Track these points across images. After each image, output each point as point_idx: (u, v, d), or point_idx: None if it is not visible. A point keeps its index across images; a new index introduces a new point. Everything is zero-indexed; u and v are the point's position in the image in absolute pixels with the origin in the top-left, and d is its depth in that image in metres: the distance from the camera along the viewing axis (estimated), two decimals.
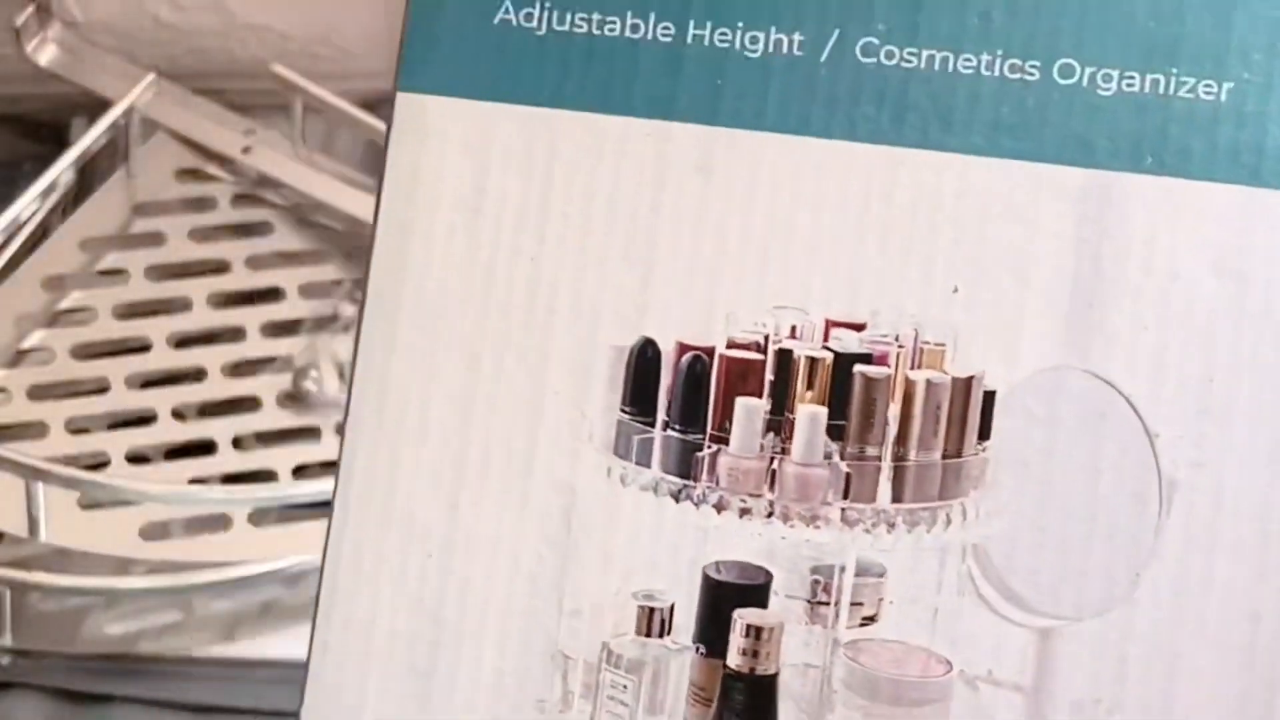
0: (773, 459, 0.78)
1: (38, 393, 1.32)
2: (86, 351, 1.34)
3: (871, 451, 0.79)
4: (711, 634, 0.79)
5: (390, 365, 0.82)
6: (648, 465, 0.79)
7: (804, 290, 0.80)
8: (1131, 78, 0.79)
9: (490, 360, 0.81)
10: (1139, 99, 0.77)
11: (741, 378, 0.80)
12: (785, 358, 0.79)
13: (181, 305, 1.35)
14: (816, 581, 0.79)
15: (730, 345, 0.77)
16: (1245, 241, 0.77)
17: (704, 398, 0.79)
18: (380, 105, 0.89)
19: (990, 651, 0.79)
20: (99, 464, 1.28)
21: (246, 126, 1.44)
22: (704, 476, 0.79)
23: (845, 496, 0.78)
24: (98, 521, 1.26)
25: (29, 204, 1.38)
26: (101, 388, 1.33)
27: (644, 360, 0.78)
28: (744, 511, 0.79)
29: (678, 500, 0.79)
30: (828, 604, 0.79)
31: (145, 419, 1.26)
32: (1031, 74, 0.79)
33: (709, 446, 0.79)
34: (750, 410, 0.79)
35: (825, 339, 0.79)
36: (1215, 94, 0.77)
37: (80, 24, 1.42)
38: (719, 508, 0.79)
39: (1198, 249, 0.78)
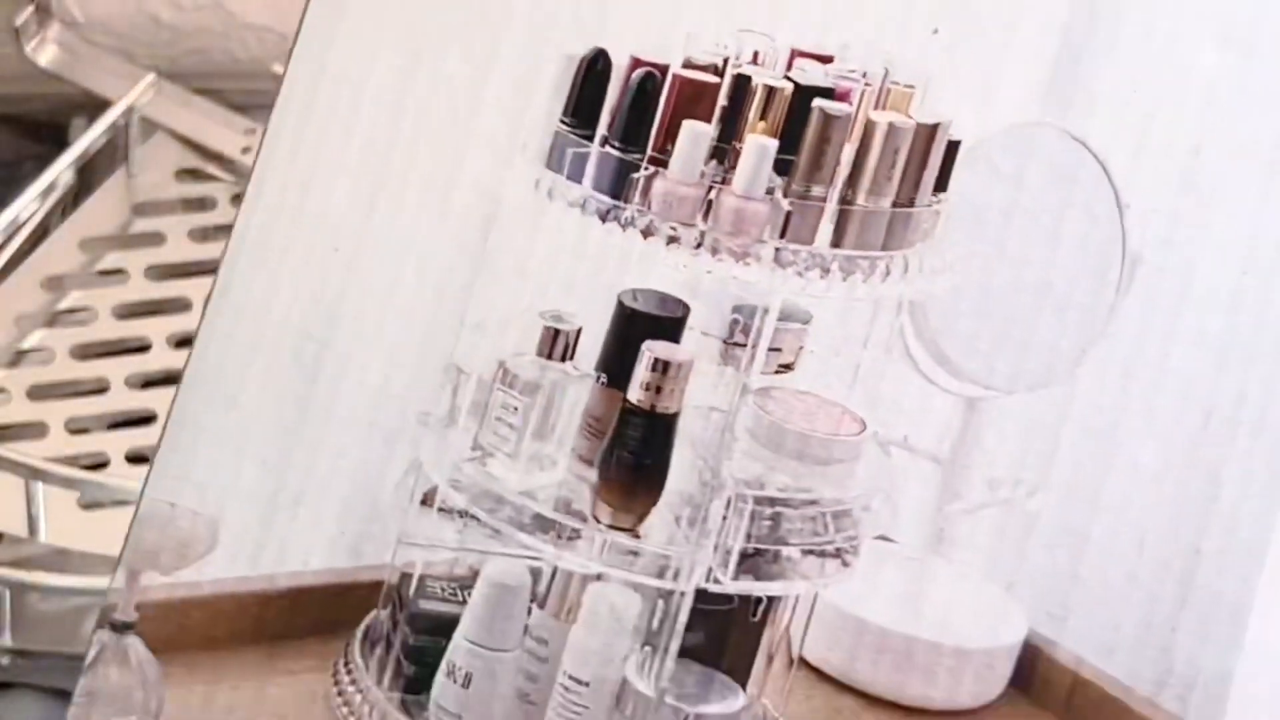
0: (712, 187, 0.68)
1: (38, 393, 1.19)
2: (86, 351, 1.21)
3: (818, 191, 0.69)
4: (616, 364, 0.70)
5: (328, 54, 0.71)
6: (579, 181, 0.69)
7: (773, 14, 0.70)
8: None
9: (432, 55, 0.71)
10: None
11: (693, 100, 0.69)
12: (742, 83, 0.68)
13: (181, 305, 1.22)
14: (736, 321, 0.70)
15: (686, 65, 0.67)
16: (1257, 13, 0.69)
17: (650, 117, 0.69)
18: None
19: (910, 416, 0.72)
20: (99, 464, 1.14)
21: (246, 126, 1.29)
22: (636, 198, 0.69)
23: (782, 235, 0.68)
24: (98, 521, 1.11)
25: (29, 204, 1.24)
26: (101, 388, 1.19)
27: (593, 71, 0.68)
28: (672, 239, 0.69)
29: (604, 220, 0.69)
30: (744, 346, 0.69)
31: (145, 419, 1.17)
32: None
33: (647, 168, 0.69)
34: (696, 134, 0.68)
35: (788, 68, 0.69)
36: None
37: (80, 24, 1.29)
38: (646, 233, 0.69)
39: (1204, 14, 0.69)
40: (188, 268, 1.21)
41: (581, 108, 0.68)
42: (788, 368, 0.69)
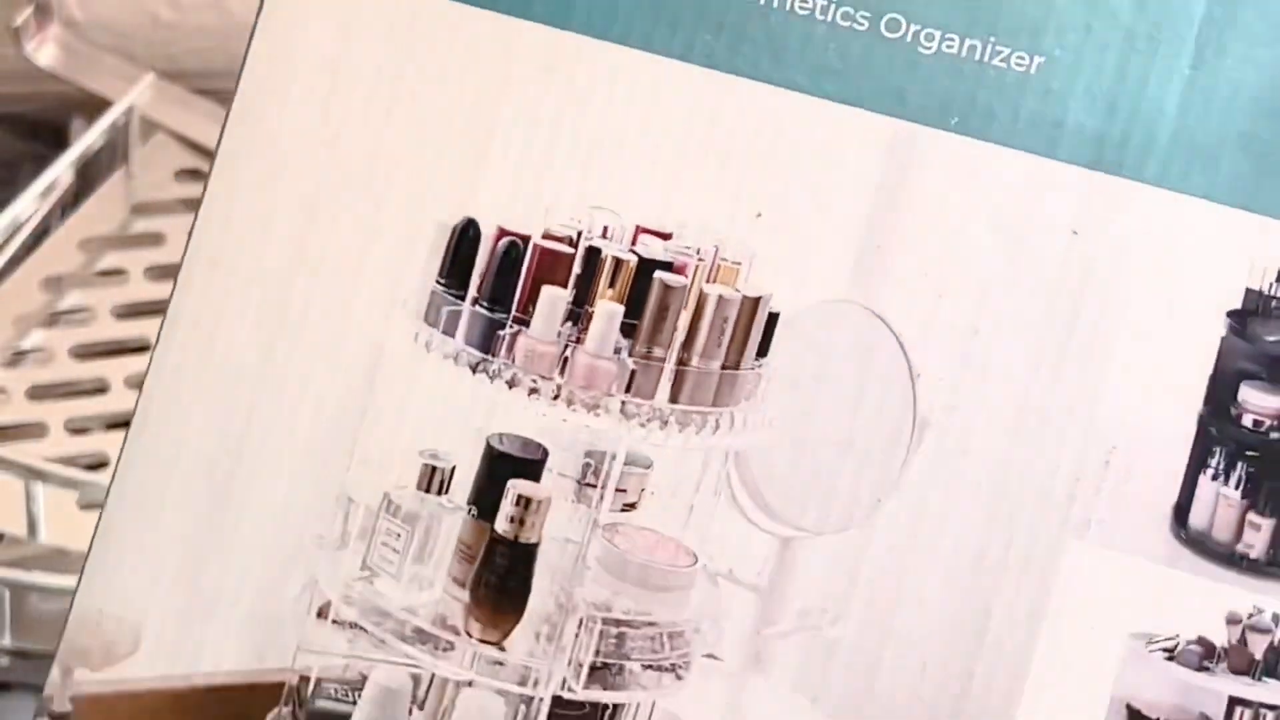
0: (567, 346, 0.59)
1: (38, 393, 0.94)
2: (85, 351, 0.97)
3: (658, 353, 0.59)
4: (485, 499, 0.59)
5: (231, 215, 0.61)
6: (453, 335, 0.59)
7: (621, 194, 0.59)
8: (951, 40, 0.59)
9: (325, 221, 0.60)
10: (955, 61, 0.58)
11: (551, 268, 0.59)
12: (593, 255, 0.59)
13: None
14: (588, 465, 0.60)
15: (546, 236, 0.59)
16: (1029, 210, 0.58)
17: (514, 281, 0.59)
18: None
19: (735, 551, 0.60)
20: (99, 464, 0.92)
21: None
22: (502, 353, 0.59)
23: (628, 390, 0.59)
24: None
25: (29, 204, 0.97)
26: (101, 388, 0.95)
27: (465, 239, 0.59)
28: (533, 391, 0.59)
29: (474, 372, 0.59)
30: (594, 486, 0.60)
31: None
32: (861, 24, 0.59)
33: (511, 327, 0.59)
34: (554, 299, 0.59)
35: (634, 242, 0.60)
36: (1026, 65, 0.58)
37: (80, 24, 1.03)
38: (511, 384, 0.59)
39: (983, 209, 0.58)
40: None
41: (454, 270, 0.60)
42: (632, 506, 0.60)
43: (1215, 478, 0.59)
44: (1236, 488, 0.59)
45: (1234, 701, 0.58)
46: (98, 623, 0.59)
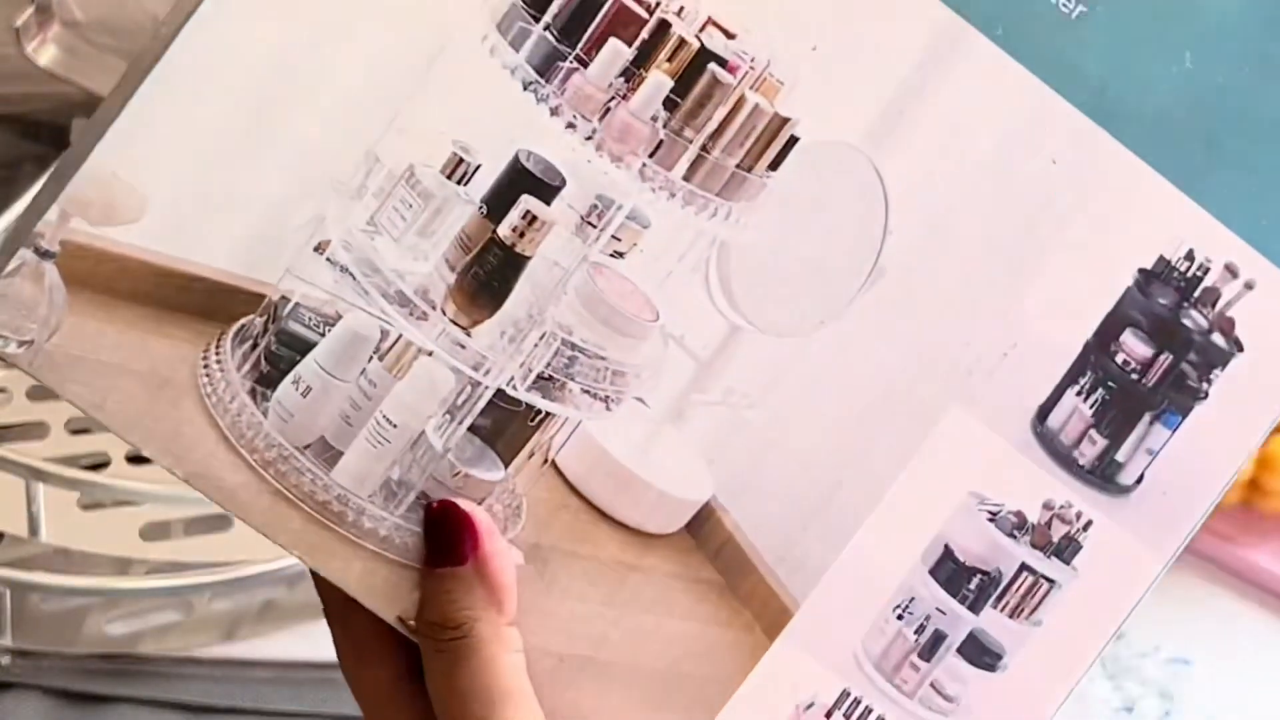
0: (614, 98, 0.59)
1: (38, 393, 0.87)
2: None
3: (688, 134, 0.60)
4: (497, 202, 0.61)
5: None
6: (517, 50, 0.59)
7: None
8: None
9: None
10: None
11: (623, 24, 0.60)
12: (663, 27, 0.60)
13: None
14: (595, 206, 0.61)
15: None
16: (1027, 131, 0.61)
17: (587, 23, 0.59)
18: None
19: (691, 323, 0.63)
20: (99, 464, 0.86)
21: None
22: (555, 82, 0.59)
23: (651, 156, 0.60)
24: (98, 521, 0.84)
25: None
26: None
27: None
28: (570, 125, 0.59)
29: (525, 88, 0.59)
30: (594, 226, 0.61)
31: None
32: None
33: (571, 62, 0.59)
34: (616, 52, 0.59)
35: (701, 29, 0.60)
36: (1070, 10, 0.61)
37: (80, 24, 0.95)
38: (554, 112, 0.59)
39: (992, 116, 0.61)
40: None
41: None
42: (620, 255, 0.62)
43: (1079, 394, 0.65)
44: (1091, 407, 0.65)
45: (1023, 568, 0.65)
46: (108, 182, 0.59)
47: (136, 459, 0.89)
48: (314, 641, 0.88)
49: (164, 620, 0.88)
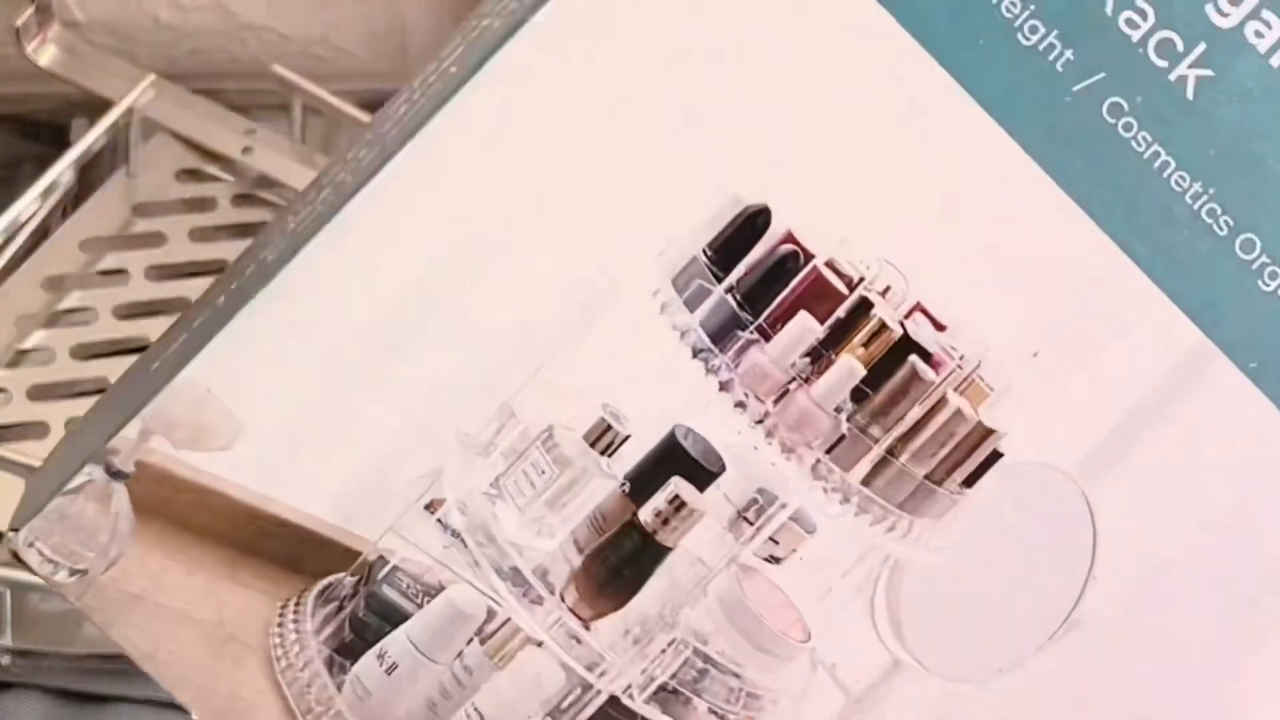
0: (795, 380, 0.50)
1: (38, 393, 0.84)
2: (86, 352, 0.87)
3: (875, 431, 0.51)
4: (643, 481, 0.51)
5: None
6: (692, 311, 0.50)
7: (921, 268, 0.50)
8: None
9: (624, 129, 0.49)
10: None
11: (817, 297, 0.50)
12: (863, 306, 0.51)
13: (181, 305, 0.88)
14: (755, 501, 0.51)
15: (828, 264, 0.50)
16: (1273, 482, 0.51)
17: (776, 291, 0.50)
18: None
19: (846, 648, 0.53)
20: None
21: (246, 126, 0.94)
22: (731, 354, 0.50)
23: (828, 452, 0.51)
24: None
25: (29, 204, 0.87)
26: (101, 388, 0.85)
27: (751, 224, 0.50)
28: (740, 404, 0.50)
29: (694, 356, 0.50)
30: (751, 524, 0.51)
31: None
32: (1221, 229, 0.49)
33: (752, 333, 0.50)
34: (806, 328, 0.50)
35: (907, 316, 0.51)
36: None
37: (80, 24, 0.93)
38: (723, 386, 0.50)
39: (1234, 462, 0.51)
40: (188, 268, 0.91)
41: (725, 249, 0.51)
42: (776, 560, 0.53)
43: None
44: None
45: None
46: (201, 401, 0.50)
47: None
48: None
49: None
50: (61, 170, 0.90)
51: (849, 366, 0.53)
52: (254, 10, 0.98)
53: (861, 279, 0.54)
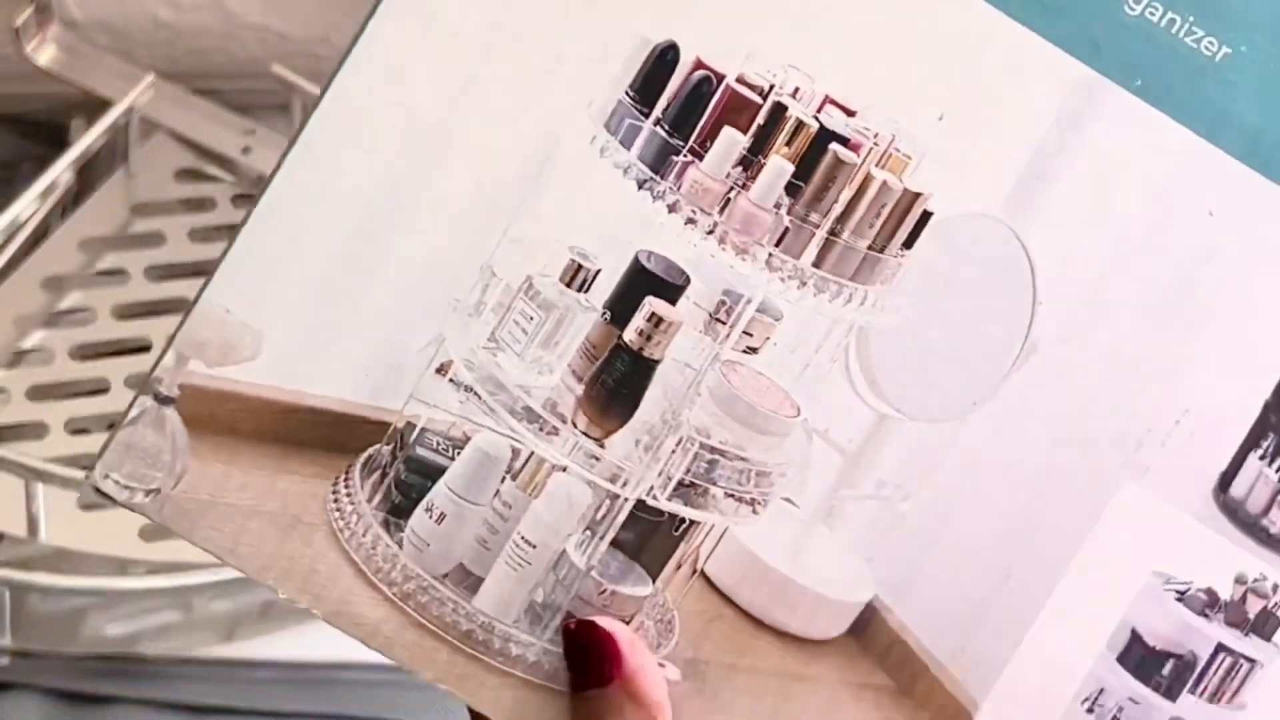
0: (733, 188, 0.56)
1: (38, 393, 0.86)
2: (86, 351, 0.88)
3: (814, 218, 0.57)
4: (621, 307, 0.58)
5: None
6: (628, 148, 0.56)
7: (820, 62, 0.56)
8: (1155, 7, 0.56)
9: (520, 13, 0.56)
10: (1153, 28, 0.56)
11: (736, 111, 0.56)
12: (778, 110, 0.56)
13: (181, 305, 0.88)
14: (723, 302, 0.58)
15: (740, 80, 0.56)
16: (1179, 183, 0.57)
17: (699, 114, 0.56)
18: None
19: (834, 414, 0.59)
20: None
21: (246, 126, 0.95)
22: (671, 178, 0.56)
23: (777, 245, 0.56)
24: (98, 521, 0.83)
25: (29, 204, 0.89)
26: (101, 388, 0.87)
27: (662, 60, 0.56)
28: (690, 221, 0.56)
29: (640, 187, 0.56)
30: (724, 323, 0.58)
31: None
32: None
33: (685, 156, 0.56)
34: (732, 141, 0.56)
35: (819, 110, 0.57)
36: (1214, 52, 0.56)
37: (80, 24, 0.94)
38: (671, 209, 0.56)
39: (1139, 170, 0.57)
40: (188, 268, 0.92)
41: (645, 87, 0.57)
42: (753, 350, 0.59)
43: (1263, 458, 0.60)
44: (1278, 471, 0.60)
45: (1220, 648, 0.59)
46: (222, 320, 0.57)
47: None
48: (314, 641, 0.85)
49: (163, 620, 0.86)
50: (60, 170, 0.91)
51: (778, 166, 0.59)
52: (253, 10, 0.99)
53: (772, 86, 0.59)
